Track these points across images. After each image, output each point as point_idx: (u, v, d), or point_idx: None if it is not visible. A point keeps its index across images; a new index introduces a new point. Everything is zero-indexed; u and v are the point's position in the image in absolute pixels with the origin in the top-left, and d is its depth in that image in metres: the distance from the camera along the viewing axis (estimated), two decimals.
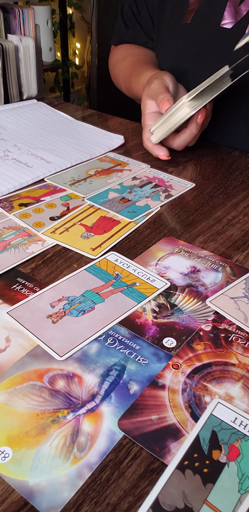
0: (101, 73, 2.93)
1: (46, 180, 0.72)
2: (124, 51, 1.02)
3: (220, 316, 0.46)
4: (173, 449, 0.34)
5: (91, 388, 0.38)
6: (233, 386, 0.39)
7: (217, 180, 0.74)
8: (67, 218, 0.61)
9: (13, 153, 0.79)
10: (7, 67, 0.96)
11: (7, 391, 0.38)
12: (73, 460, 0.33)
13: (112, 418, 0.36)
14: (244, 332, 0.44)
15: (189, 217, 0.63)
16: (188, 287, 0.50)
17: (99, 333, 0.43)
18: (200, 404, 0.37)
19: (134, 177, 0.73)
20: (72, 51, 3.03)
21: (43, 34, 2.04)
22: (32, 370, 0.40)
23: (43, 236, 0.57)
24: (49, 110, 0.98)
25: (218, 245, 0.57)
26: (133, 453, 0.34)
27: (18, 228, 0.59)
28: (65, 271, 0.52)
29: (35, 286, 0.49)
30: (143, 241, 0.58)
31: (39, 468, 0.32)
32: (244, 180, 0.74)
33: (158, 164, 0.78)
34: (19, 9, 1.00)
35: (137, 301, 0.47)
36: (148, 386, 0.38)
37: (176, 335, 0.43)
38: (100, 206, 0.64)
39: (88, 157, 0.79)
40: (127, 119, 0.99)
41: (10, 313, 0.45)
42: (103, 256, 0.54)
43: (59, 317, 0.45)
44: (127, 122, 0.97)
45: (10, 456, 0.33)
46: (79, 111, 1.04)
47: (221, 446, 0.34)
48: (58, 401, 0.37)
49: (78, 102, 3.10)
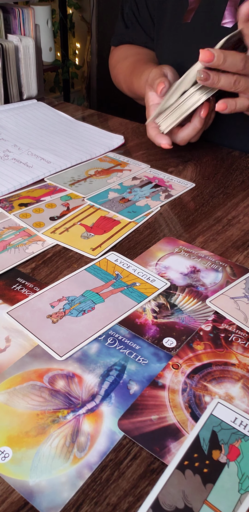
0: (101, 73, 2.93)
1: (46, 180, 0.72)
2: (124, 51, 1.03)
3: (220, 316, 0.46)
4: (173, 449, 0.34)
5: (91, 388, 0.38)
6: (233, 386, 0.39)
7: (217, 180, 0.74)
8: (67, 218, 0.61)
9: (13, 153, 0.79)
10: (7, 67, 0.96)
11: (7, 391, 0.38)
12: (73, 460, 0.33)
13: (112, 418, 0.36)
14: (244, 332, 0.44)
15: (189, 217, 0.63)
16: (188, 287, 0.50)
17: (99, 333, 0.43)
18: (200, 404, 0.37)
19: (134, 177, 0.73)
20: (72, 51, 3.03)
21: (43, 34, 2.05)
22: (32, 370, 0.40)
23: (43, 236, 0.57)
24: (49, 110, 0.98)
25: (218, 245, 0.57)
26: (133, 453, 0.34)
27: (18, 228, 0.59)
28: (65, 271, 0.52)
29: (35, 286, 0.49)
30: (143, 241, 0.58)
31: (39, 468, 0.32)
32: (244, 180, 0.74)
33: (158, 164, 0.78)
34: (19, 9, 1.00)
35: (137, 301, 0.47)
36: (148, 386, 0.38)
37: (176, 335, 0.43)
38: (100, 206, 0.64)
39: (88, 157, 0.79)
40: (127, 119, 0.99)
41: (10, 313, 0.45)
42: (103, 256, 0.54)
43: (59, 317, 0.45)
44: (126, 122, 0.97)
45: (10, 456, 0.33)
46: (79, 111, 1.04)
47: (221, 446, 0.34)
48: (58, 401, 0.37)
49: (78, 102, 3.10)
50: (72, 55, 3.04)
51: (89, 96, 3.12)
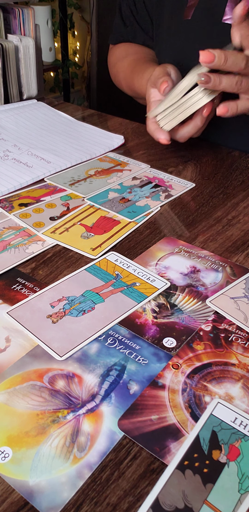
0: (101, 73, 2.93)
1: (46, 180, 0.72)
2: (124, 50, 1.02)
3: (220, 316, 0.46)
4: (173, 449, 0.34)
5: (91, 388, 0.38)
6: (233, 386, 0.39)
7: (217, 180, 0.74)
8: (67, 218, 0.61)
9: (13, 153, 0.79)
10: (7, 67, 0.96)
11: (7, 391, 0.38)
12: (73, 460, 0.33)
13: (112, 418, 0.36)
14: (244, 332, 0.44)
15: (189, 217, 0.63)
16: (188, 287, 0.50)
17: (99, 333, 0.43)
18: (200, 404, 0.37)
19: (134, 177, 0.73)
20: (72, 51, 3.03)
21: (43, 34, 2.04)
22: (32, 370, 0.40)
23: (43, 236, 0.57)
24: (49, 110, 0.98)
25: (218, 245, 0.57)
26: (133, 453, 0.34)
27: (18, 228, 0.59)
28: (65, 271, 0.52)
29: (35, 286, 0.49)
30: (143, 241, 0.58)
31: (39, 468, 0.32)
32: (244, 180, 0.74)
33: (158, 164, 0.78)
34: (19, 9, 1.00)
35: (137, 301, 0.47)
36: (148, 386, 0.38)
37: (176, 335, 0.43)
38: (100, 206, 0.64)
39: (88, 157, 0.79)
40: (127, 119, 0.99)
41: (10, 313, 0.45)
42: (103, 256, 0.54)
43: (59, 317, 0.45)
44: (126, 122, 0.97)
45: (10, 456, 0.33)
46: (79, 111, 1.04)
47: (221, 446, 0.34)
48: (58, 401, 0.37)
49: (78, 102, 3.10)
50: (72, 55, 3.04)
51: (89, 96, 3.12)
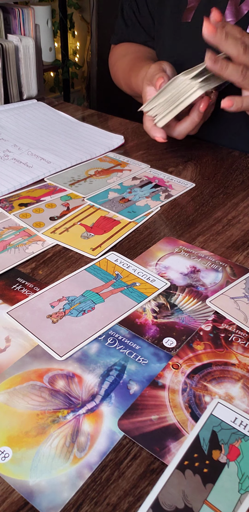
0: (101, 73, 2.93)
1: (46, 180, 0.72)
2: (124, 49, 1.02)
3: (220, 316, 0.46)
4: (173, 449, 0.34)
5: (91, 388, 0.38)
6: (233, 386, 0.39)
7: (217, 180, 0.74)
8: (67, 218, 0.61)
9: (13, 153, 0.79)
10: (7, 67, 0.96)
11: (7, 391, 0.38)
12: (73, 460, 0.33)
13: (112, 418, 0.36)
14: (244, 332, 0.44)
15: (189, 217, 0.63)
16: (188, 287, 0.50)
17: (99, 333, 0.43)
18: (200, 404, 0.37)
19: (134, 177, 0.73)
20: (72, 51, 3.03)
21: (43, 34, 2.04)
22: (32, 370, 0.40)
23: (43, 236, 0.57)
24: (49, 110, 0.98)
25: (218, 245, 0.57)
26: (133, 453, 0.34)
27: (18, 228, 0.59)
28: (65, 271, 0.52)
29: (35, 286, 0.49)
30: (143, 241, 0.58)
31: (39, 468, 0.32)
32: (244, 180, 0.74)
33: (158, 164, 0.78)
34: (19, 9, 1.00)
35: (137, 301, 0.47)
36: (148, 386, 0.38)
37: (176, 335, 0.43)
38: (100, 206, 0.64)
39: (88, 157, 0.79)
40: (127, 119, 0.99)
41: (10, 313, 0.45)
42: (103, 256, 0.54)
43: (59, 317, 0.45)
44: (126, 122, 0.97)
45: (10, 456, 0.33)
46: (79, 111, 1.04)
47: (221, 446, 0.34)
48: (58, 401, 0.37)
49: (78, 102, 3.10)
50: (72, 55, 3.04)
51: (89, 96, 3.12)
